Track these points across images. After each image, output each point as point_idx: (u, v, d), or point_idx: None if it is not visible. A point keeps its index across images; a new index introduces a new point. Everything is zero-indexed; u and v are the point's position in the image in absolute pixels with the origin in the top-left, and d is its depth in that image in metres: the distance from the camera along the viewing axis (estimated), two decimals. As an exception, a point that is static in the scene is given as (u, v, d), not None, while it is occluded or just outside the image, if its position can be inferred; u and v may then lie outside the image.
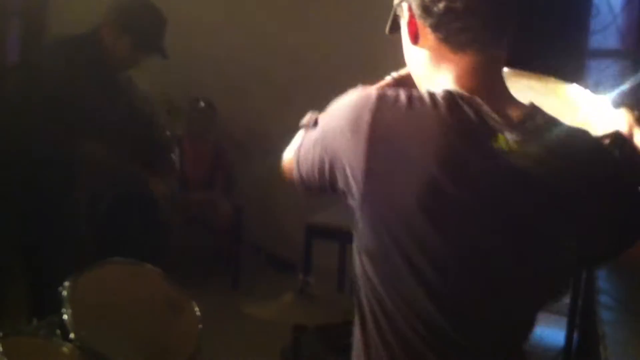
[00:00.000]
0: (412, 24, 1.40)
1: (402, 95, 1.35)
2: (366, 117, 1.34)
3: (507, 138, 1.29)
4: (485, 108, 1.31)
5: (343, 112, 1.43)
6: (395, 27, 1.49)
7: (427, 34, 1.38)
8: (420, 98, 1.33)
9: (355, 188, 1.36)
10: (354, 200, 1.39)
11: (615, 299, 3.00)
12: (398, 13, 1.46)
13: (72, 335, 2.09)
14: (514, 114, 1.32)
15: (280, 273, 5.23)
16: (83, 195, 2.96)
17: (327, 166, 1.44)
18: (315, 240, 4.29)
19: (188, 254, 4.66)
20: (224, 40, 5.76)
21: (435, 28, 1.35)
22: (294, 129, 1.79)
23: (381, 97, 1.36)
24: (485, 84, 1.37)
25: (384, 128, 1.33)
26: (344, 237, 1.95)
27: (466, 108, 1.30)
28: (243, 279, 5.28)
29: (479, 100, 1.32)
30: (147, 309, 2.36)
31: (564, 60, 4.32)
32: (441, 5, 1.32)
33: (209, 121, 5.54)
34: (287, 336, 2.91)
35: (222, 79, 5.71)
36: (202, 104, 5.52)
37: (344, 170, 1.38)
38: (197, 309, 2.44)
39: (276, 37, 5.66)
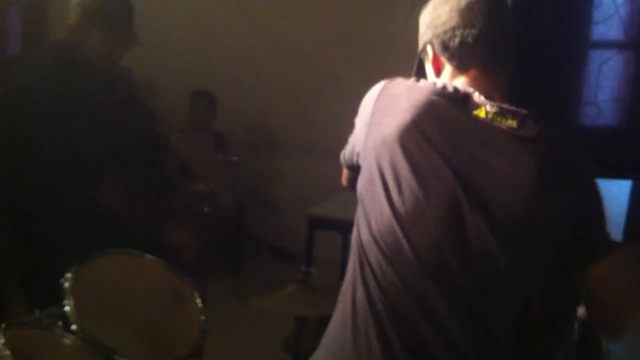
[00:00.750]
0: (435, 61, 1.77)
1: (409, 79, 1.75)
2: (377, 89, 1.78)
3: (487, 110, 1.64)
4: (475, 93, 1.66)
5: (362, 105, 1.82)
6: (420, 70, 1.86)
7: (445, 64, 1.75)
8: (424, 81, 1.73)
9: (362, 143, 1.76)
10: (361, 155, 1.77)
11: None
12: (423, 57, 1.83)
13: (74, 327, 2.09)
14: (502, 101, 1.67)
15: (282, 264, 5.24)
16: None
17: (355, 157, 1.83)
18: (317, 231, 4.30)
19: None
20: (226, 34, 5.75)
21: (451, 58, 1.73)
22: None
23: (391, 79, 1.77)
24: (483, 88, 1.69)
25: (385, 94, 1.75)
26: (345, 228, 1.96)
27: (458, 89, 1.67)
28: (245, 271, 5.29)
29: (471, 89, 1.68)
30: (149, 299, 2.36)
31: (566, 51, 4.31)
32: (456, 40, 1.69)
33: (209, 111, 5.56)
34: (289, 327, 2.91)
35: (223, 72, 5.71)
36: (202, 94, 5.54)
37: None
38: (199, 299, 2.44)
39: (278, 32, 5.66)
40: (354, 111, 1.92)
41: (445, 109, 1.64)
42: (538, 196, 1.58)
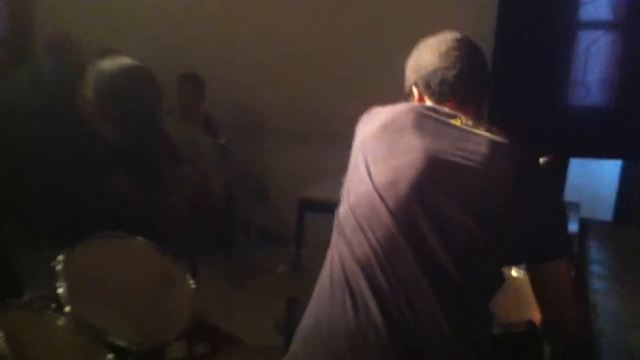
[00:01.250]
0: (420, 99, 1.98)
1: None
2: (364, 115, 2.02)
3: (463, 120, 1.85)
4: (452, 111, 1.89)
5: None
6: None
7: (426, 99, 1.97)
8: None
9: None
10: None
11: (607, 269, 3.02)
12: (409, 99, 2.02)
13: (66, 309, 2.09)
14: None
15: (272, 248, 5.24)
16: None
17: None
18: (307, 214, 4.30)
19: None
20: (214, 16, 5.73)
21: (432, 94, 1.95)
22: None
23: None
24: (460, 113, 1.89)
25: (370, 113, 2.00)
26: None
27: (437, 107, 1.90)
28: (235, 254, 5.30)
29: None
30: (141, 282, 2.36)
31: (554, 32, 4.32)
32: (437, 79, 1.93)
33: (198, 95, 5.53)
34: (280, 309, 2.92)
35: (211, 55, 5.69)
36: (190, 77, 5.52)
37: None
38: (191, 281, 2.44)
39: (268, 14, 5.64)
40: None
41: (425, 111, 1.88)
42: (510, 187, 1.76)
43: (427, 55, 1.98)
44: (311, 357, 1.78)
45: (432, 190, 1.77)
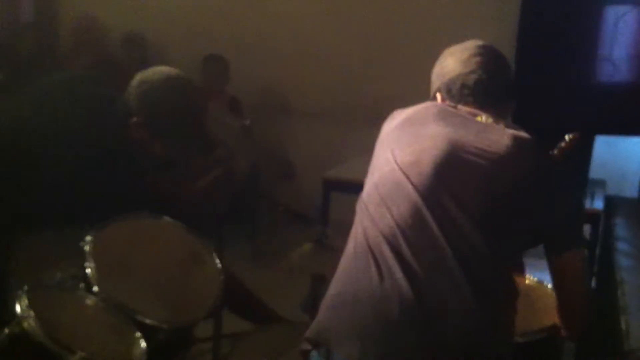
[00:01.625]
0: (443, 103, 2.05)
1: None
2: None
3: (484, 118, 1.96)
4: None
5: None
6: None
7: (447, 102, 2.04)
8: None
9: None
10: None
11: (633, 246, 3.01)
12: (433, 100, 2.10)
13: (95, 288, 2.12)
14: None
15: (298, 226, 5.26)
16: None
17: None
18: (332, 193, 4.31)
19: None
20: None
21: (452, 98, 2.04)
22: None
23: None
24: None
25: (394, 113, 2.08)
26: (360, 190, 1.99)
27: (457, 105, 2.01)
28: (261, 234, 5.32)
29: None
30: (169, 261, 2.38)
31: (580, 7, 4.27)
32: (458, 83, 2.02)
33: (223, 76, 5.55)
34: (306, 288, 2.93)
35: (235, 36, 5.70)
36: (215, 58, 5.53)
37: None
38: (217, 260, 2.46)
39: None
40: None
41: (447, 108, 1.99)
42: (530, 179, 1.86)
43: (450, 62, 2.07)
44: (335, 323, 1.83)
45: (453, 169, 1.85)
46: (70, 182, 2.35)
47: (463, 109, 1.99)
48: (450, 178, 1.85)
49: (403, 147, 1.93)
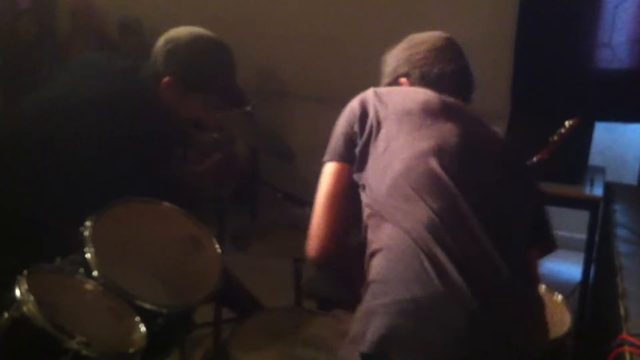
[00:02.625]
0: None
1: None
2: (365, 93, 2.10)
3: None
4: None
5: (353, 104, 2.12)
6: None
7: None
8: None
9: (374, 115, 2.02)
10: None
11: (633, 232, 3.01)
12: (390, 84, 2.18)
13: (94, 273, 2.12)
14: None
15: (297, 212, 5.26)
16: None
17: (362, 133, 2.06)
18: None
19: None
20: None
21: (426, 85, 2.07)
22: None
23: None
24: None
25: (378, 90, 2.09)
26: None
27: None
28: (261, 218, 5.33)
29: None
30: (168, 246, 2.38)
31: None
32: (435, 71, 2.08)
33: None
34: (309, 269, 2.93)
35: (234, 20, 5.67)
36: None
37: None
38: (217, 245, 2.46)
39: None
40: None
41: (445, 98, 2.00)
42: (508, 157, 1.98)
43: (421, 48, 2.13)
44: (396, 332, 1.69)
45: (476, 158, 1.90)
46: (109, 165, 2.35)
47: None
48: (475, 167, 1.87)
49: (422, 136, 1.90)
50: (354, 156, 1.98)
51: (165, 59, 2.49)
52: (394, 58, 2.18)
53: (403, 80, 2.12)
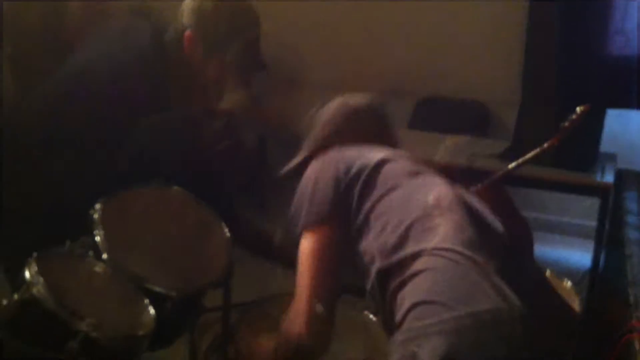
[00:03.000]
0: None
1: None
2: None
3: None
4: None
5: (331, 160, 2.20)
6: None
7: None
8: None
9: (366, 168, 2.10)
10: None
11: (643, 219, 3.00)
12: None
13: (104, 256, 2.12)
14: None
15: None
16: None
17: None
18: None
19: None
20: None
21: None
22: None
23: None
24: None
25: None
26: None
27: None
28: (270, 205, 5.33)
29: None
30: (178, 230, 2.39)
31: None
32: None
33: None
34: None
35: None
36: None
37: None
38: (227, 230, 2.46)
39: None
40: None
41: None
42: None
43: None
44: (483, 344, 1.65)
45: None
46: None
47: None
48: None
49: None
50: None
51: (190, 13, 2.50)
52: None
53: None
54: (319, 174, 2.08)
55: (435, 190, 1.93)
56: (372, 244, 1.92)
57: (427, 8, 5.03)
